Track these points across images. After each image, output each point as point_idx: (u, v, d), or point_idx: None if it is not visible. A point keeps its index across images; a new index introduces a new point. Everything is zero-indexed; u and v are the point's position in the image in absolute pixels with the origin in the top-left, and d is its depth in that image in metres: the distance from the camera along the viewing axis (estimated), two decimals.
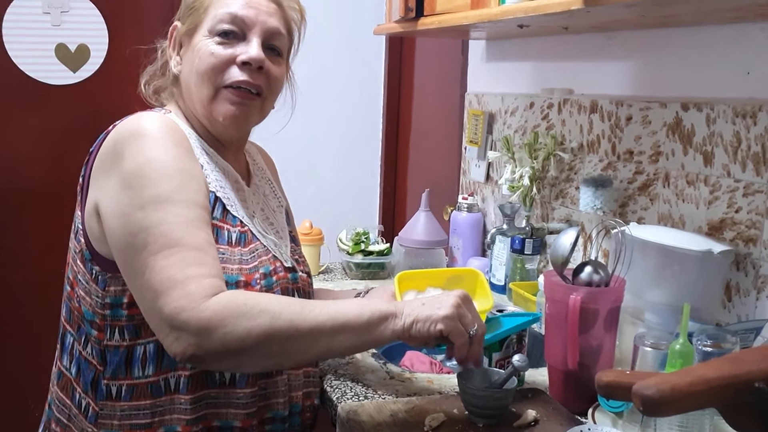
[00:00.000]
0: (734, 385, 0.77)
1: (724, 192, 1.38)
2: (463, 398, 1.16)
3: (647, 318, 1.33)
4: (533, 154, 1.84)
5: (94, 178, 1.10)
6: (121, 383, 1.09)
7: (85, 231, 1.10)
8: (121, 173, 1.04)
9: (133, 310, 1.06)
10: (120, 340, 1.08)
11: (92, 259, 1.10)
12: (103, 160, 1.09)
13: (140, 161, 1.04)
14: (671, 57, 1.52)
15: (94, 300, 1.09)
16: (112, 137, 1.09)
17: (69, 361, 1.13)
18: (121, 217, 1.03)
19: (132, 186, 1.03)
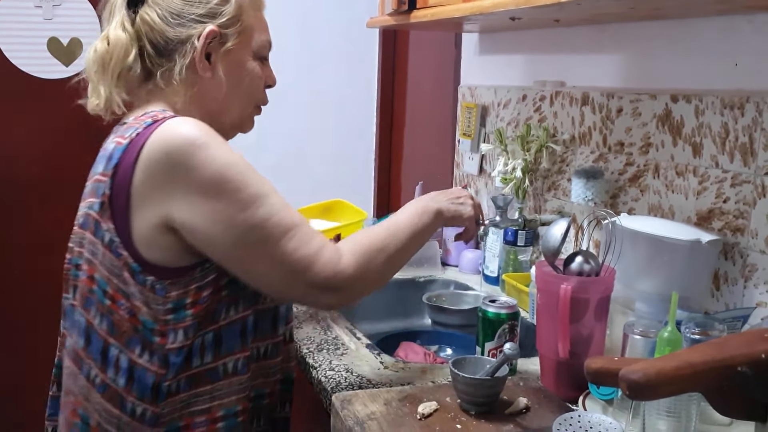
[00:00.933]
0: (718, 369, 0.79)
1: (712, 182, 1.40)
2: (455, 387, 1.17)
3: (637, 307, 1.35)
4: (526, 147, 1.85)
5: (145, 194, 1.08)
6: (181, 377, 1.12)
7: (133, 243, 1.09)
8: (199, 183, 1.06)
9: (198, 307, 1.11)
10: (183, 340, 1.11)
11: (143, 271, 1.09)
12: (155, 176, 1.07)
13: (217, 167, 1.07)
14: (661, 49, 1.54)
15: (154, 309, 1.09)
16: (161, 150, 1.07)
17: (115, 372, 1.12)
18: (221, 223, 1.07)
19: (221, 193, 1.07)
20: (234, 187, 1.07)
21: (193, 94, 1.19)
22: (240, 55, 1.22)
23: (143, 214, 1.08)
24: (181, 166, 1.06)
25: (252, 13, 1.23)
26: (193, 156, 1.06)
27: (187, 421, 1.14)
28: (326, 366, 1.37)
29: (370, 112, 3.02)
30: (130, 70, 1.17)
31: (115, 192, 1.09)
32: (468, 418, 1.13)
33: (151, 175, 1.07)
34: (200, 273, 1.11)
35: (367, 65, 2.97)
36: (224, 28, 1.19)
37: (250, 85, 1.24)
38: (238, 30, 1.20)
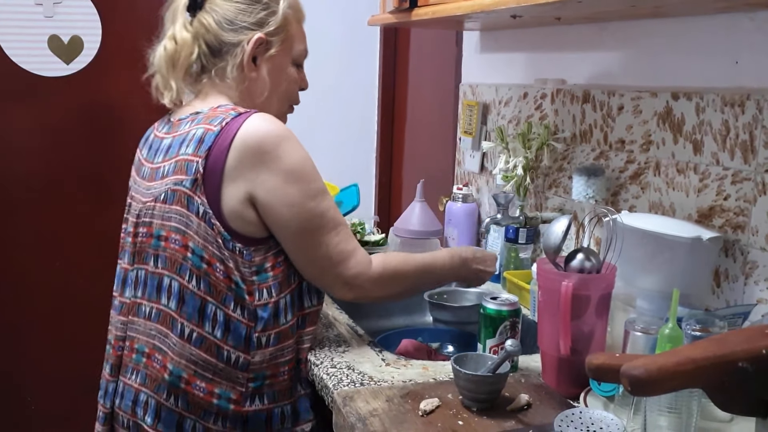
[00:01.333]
0: (719, 365, 0.79)
1: (713, 180, 1.40)
2: (457, 383, 1.18)
3: (638, 304, 1.35)
4: (527, 144, 1.86)
5: (236, 173, 1.27)
6: (269, 332, 1.32)
7: (222, 215, 1.27)
8: (283, 170, 1.28)
9: (276, 270, 1.32)
10: (268, 298, 1.31)
11: (233, 239, 1.28)
12: (246, 159, 1.27)
13: (298, 160, 1.30)
14: (662, 47, 1.54)
15: (243, 271, 1.29)
16: (255, 138, 1.27)
17: (212, 326, 1.29)
18: (293, 206, 1.29)
19: (298, 181, 1.29)
20: (308, 178, 1.31)
21: (243, 90, 1.39)
22: (281, 61, 1.42)
23: (232, 191, 1.27)
24: (270, 153, 1.27)
25: (295, 25, 1.44)
26: (280, 146, 1.28)
27: (274, 370, 1.34)
28: (328, 363, 1.37)
29: (372, 110, 3.02)
30: (192, 66, 1.38)
31: (208, 171, 1.27)
32: (470, 414, 1.14)
33: (244, 157, 1.27)
34: (273, 242, 1.32)
35: (368, 63, 2.97)
36: (270, 36, 1.39)
37: (288, 87, 1.46)
38: (281, 39, 1.41)
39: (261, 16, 1.38)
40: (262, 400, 1.33)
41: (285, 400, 1.36)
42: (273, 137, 1.29)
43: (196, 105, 1.39)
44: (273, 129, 1.30)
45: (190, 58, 1.37)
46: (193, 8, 1.37)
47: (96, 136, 2.73)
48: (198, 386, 1.30)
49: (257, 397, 1.32)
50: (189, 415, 1.31)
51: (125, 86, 2.71)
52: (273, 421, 1.34)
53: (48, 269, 2.77)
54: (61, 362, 2.75)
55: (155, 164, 1.38)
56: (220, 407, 1.30)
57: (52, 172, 2.72)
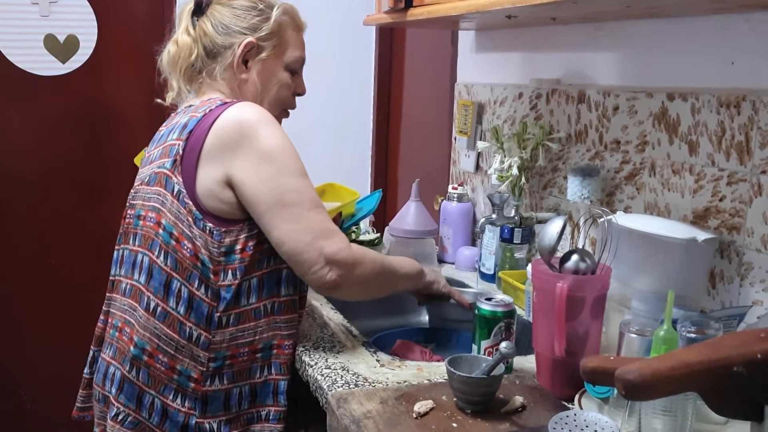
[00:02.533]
0: (714, 369, 0.79)
1: (708, 181, 1.40)
2: (451, 385, 1.18)
3: (633, 305, 1.35)
4: (522, 144, 1.85)
5: (213, 155, 1.32)
6: (230, 312, 1.34)
7: (195, 194, 1.32)
8: (259, 150, 1.31)
9: (245, 253, 1.34)
10: (233, 279, 1.33)
11: (204, 218, 1.32)
12: (224, 142, 1.32)
13: (275, 143, 1.33)
14: (657, 47, 1.54)
15: (211, 250, 1.33)
16: (234, 122, 1.32)
17: (176, 302, 1.33)
18: (268, 182, 1.31)
19: (273, 160, 1.32)
20: (284, 158, 1.33)
21: (234, 88, 1.46)
22: (272, 65, 1.48)
23: (208, 171, 1.32)
24: (247, 136, 1.31)
25: (290, 32, 1.50)
26: (258, 130, 1.32)
27: (234, 351, 1.36)
28: (322, 364, 1.37)
29: (367, 110, 3.01)
30: (192, 66, 1.45)
31: (187, 152, 1.33)
32: (464, 416, 1.13)
33: (222, 139, 1.32)
34: (248, 226, 1.34)
35: (363, 63, 2.96)
36: (262, 40, 1.45)
37: (279, 92, 1.50)
38: (274, 44, 1.46)
39: (254, 22, 1.45)
40: (222, 380, 1.36)
41: (243, 381, 1.38)
42: (252, 121, 1.33)
43: (192, 101, 1.46)
44: (253, 114, 1.34)
45: (189, 59, 1.44)
46: (197, 13, 1.46)
47: (92, 134, 2.72)
48: (160, 360, 1.34)
49: (217, 377, 1.35)
50: (148, 389, 1.34)
51: (121, 85, 2.70)
52: (230, 401, 1.37)
53: (43, 268, 2.76)
54: (57, 361, 2.74)
55: (149, 153, 1.47)
56: (179, 383, 1.34)
57: (47, 170, 2.72)
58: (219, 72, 1.45)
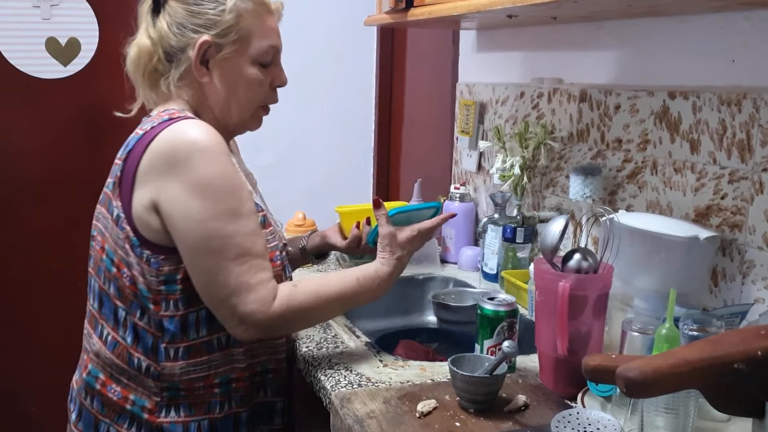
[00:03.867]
0: (715, 367, 0.79)
1: (710, 179, 1.40)
2: (454, 384, 1.18)
3: (636, 304, 1.35)
4: (524, 144, 1.85)
5: (145, 178, 1.20)
6: (178, 345, 1.25)
7: (132, 220, 1.22)
8: (189, 181, 1.18)
9: (186, 283, 1.23)
10: (175, 311, 1.24)
11: (141, 245, 1.22)
12: (156, 164, 1.20)
13: (209, 174, 1.18)
14: (658, 46, 1.54)
15: (149, 279, 1.23)
16: (168, 144, 1.19)
17: (123, 331, 1.26)
18: (192, 221, 1.18)
19: (204, 197, 1.18)
20: (217, 196, 1.19)
21: (197, 97, 1.31)
22: (236, 63, 1.30)
23: (140, 195, 1.21)
24: (181, 162, 1.18)
25: (252, 21, 1.30)
26: (194, 156, 1.18)
27: (187, 385, 1.27)
28: (325, 364, 1.37)
29: (369, 110, 3.02)
30: (155, 71, 1.31)
31: (125, 173, 1.23)
32: (467, 415, 1.14)
33: (154, 162, 1.20)
34: None
35: (365, 63, 2.97)
36: (219, 37, 1.27)
37: (248, 91, 1.32)
38: (233, 39, 1.28)
39: (209, 17, 1.27)
40: (178, 411, 1.27)
41: (201, 415, 1.28)
42: (188, 145, 1.18)
43: (152, 111, 1.34)
44: (192, 137, 1.19)
45: (151, 63, 1.31)
46: (155, 12, 1.31)
47: (93, 137, 2.72)
48: (113, 389, 1.28)
49: (173, 408, 1.27)
50: (103, 418, 1.29)
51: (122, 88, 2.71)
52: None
53: (46, 271, 2.77)
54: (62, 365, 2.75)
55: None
56: (133, 413, 1.27)
57: (49, 173, 2.72)
58: (177, 78, 1.29)
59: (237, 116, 1.34)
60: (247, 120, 1.36)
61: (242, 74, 1.31)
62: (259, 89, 1.33)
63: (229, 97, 1.32)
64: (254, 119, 1.38)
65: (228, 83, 1.31)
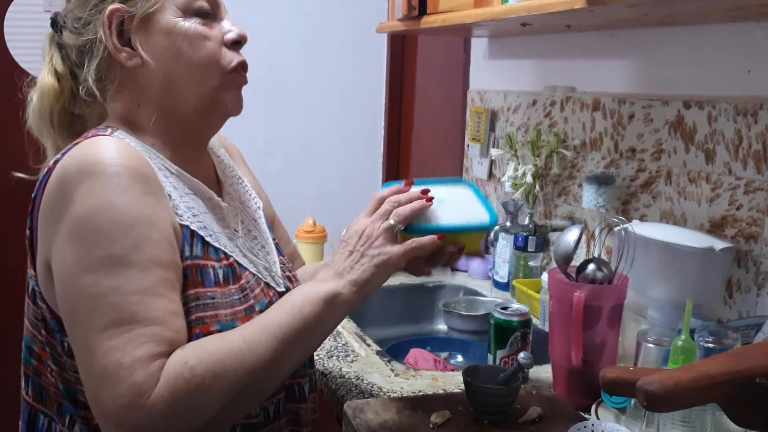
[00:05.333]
0: (736, 381, 0.78)
1: (725, 189, 1.39)
2: (468, 395, 1.17)
3: (650, 314, 1.34)
4: (536, 152, 1.85)
5: (42, 230, 0.92)
6: None
7: (44, 296, 0.94)
8: (70, 221, 0.87)
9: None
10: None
11: (60, 330, 0.92)
12: (48, 204, 0.91)
13: (90, 207, 0.86)
14: (673, 55, 1.53)
15: (71, 375, 0.92)
16: (59, 173, 0.90)
17: None
18: (66, 278, 0.87)
19: (80, 240, 0.86)
20: (94, 239, 0.86)
21: (132, 94, 1.00)
22: (162, 23, 0.98)
23: (40, 258, 0.94)
24: (66, 197, 0.88)
25: None
26: (78, 186, 0.87)
27: None
28: (336, 373, 1.36)
29: (379, 117, 3.01)
30: (65, 111, 1.04)
31: (33, 230, 0.95)
32: (481, 426, 1.13)
33: (45, 206, 0.92)
34: None
35: (375, 69, 2.97)
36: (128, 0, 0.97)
37: (194, 52, 0.98)
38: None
39: None
40: None
41: None
42: (75, 173, 0.88)
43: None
44: (86, 157, 0.89)
45: (58, 104, 1.04)
46: (55, 29, 1.04)
47: None
48: None
49: None
50: None
51: None
52: None
53: None
54: None
55: None
56: None
57: None
58: (94, 80, 0.98)
59: (194, 94, 1.00)
60: (213, 96, 1.01)
61: (176, 33, 0.98)
62: (207, 46, 0.99)
63: (172, 70, 0.98)
64: (225, 95, 1.02)
65: (165, 53, 0.98)
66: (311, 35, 2.78)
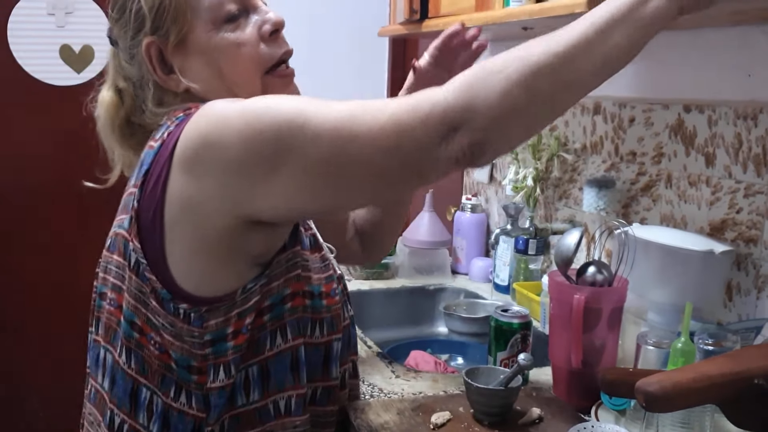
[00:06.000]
0: (734, 382, 0.79)
1: (725, 193, 1.40)
2: (468, 396, 1.17)
3: (650, 317, 1.35)
4: (537, 155, 1.85)
5: (191, 197, 0.88)
6: (224, 418, 0.96)
7: (162, 266, 0.92)
8: (241, 157, 0.84)
9: (240, 337, 0.94)
10: (225, 379, 0.94)
11: (173, 298, 0.92)
12: (189, 160, 0.88)
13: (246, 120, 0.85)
14: (674, 59, 1.54)
15: (189, 342, 0.93)
16: (189, 133, 0.88)
17: (147, 419, 0.96)
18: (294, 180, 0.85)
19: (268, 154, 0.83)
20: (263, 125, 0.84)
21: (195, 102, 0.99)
22: (196, 42, 0.98)
23: (191, 222, 0.89)
24: (208, 147, 0.86)
25: None
26: (219, 132, 0.86)
27: None
28: None
29: None
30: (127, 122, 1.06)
31: (144, 204, 0.92)
32: (481, 428, 1.13)
33: (193, 168, 0.88)
34: (242, 296, 0.93)
35: (377, 73, 2.98)
36: (157, 28, 0.98)
37: (232, 66, 0.99)
38: (174, 17, 0.97)
39: (134, 17, 1.00)
40: None
41: None
42: (208, 126, 0.87)
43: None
44: (206, 117, 0.89)
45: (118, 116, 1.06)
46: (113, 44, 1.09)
47: None
48: None
49: None
50: None
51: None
52: None
53: (59, 278, 2.78)
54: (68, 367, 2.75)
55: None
56: None
57: (63, 179, 2.73)
58: (156, 107, 1.01)
59: (250, 90, 0.99)
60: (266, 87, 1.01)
61: (210, 49, 0.98)
62: (243, 53, 0.99)
63: (218, 86, 0.99)
64: (270, 90, 1.00)
65: (203, 70, 0.99)
66: (313, 39, 2.79)
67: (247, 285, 0.94)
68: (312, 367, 1.01)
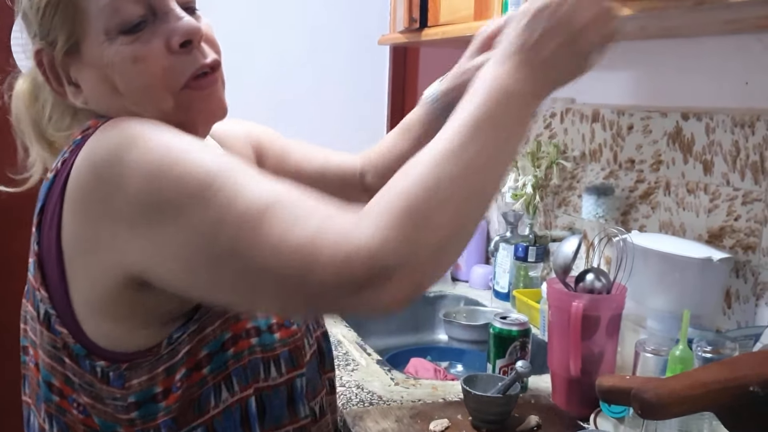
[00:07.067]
0: (730, 389, 0.79)
1: (723, 200, 1.40)
2: (467, 404, 1.18)
3: (648, 324, 1.35)
4: (536, 163, 1.86)
5: (82, 238, 0.76)
6: None
7: (72, 318, 0.79)
8: (131, 203, 0.70)
9: (172, 397, 0.80)
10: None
11: (88, 354, 0.79)
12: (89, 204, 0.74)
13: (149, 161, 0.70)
14: (671, 67, 1.54)
15: (111, 405, 0.80)
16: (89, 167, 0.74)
17: None
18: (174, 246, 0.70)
19: (161, 204, 0.70)
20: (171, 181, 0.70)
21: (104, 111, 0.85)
22: (87, 53, 0.82)
23: (86, 272, 0.77)
24: (108, 184, 0.72)
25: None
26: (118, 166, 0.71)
27: None
28: (337, 382, 1.37)
29: (381, 128, 3.03)
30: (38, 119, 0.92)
31: (44, 246, 0.80)
32: None
33: (84, 209, 0.75)
34: (168, 349, 0.80)
35: (377, 81, 2.99)
36: (44, 35, 0.83)
37: (128, 82, 0.81)
38: (57, 21, 0.81)
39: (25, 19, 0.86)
40: None
41: None
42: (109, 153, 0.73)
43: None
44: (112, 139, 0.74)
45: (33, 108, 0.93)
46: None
47: None
48: None
49: None
50: None
51: None
52: None
53: None
54: None
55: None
56: None
57: None
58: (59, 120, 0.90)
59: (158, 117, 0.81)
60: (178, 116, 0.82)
61: (103, 63, 0.81)
62: (142, 70, 0.80)
63: (117, 103, 0.82)
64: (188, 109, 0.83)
65: (98, 84, 0.83)
66: (314, 47, 2.80)
67: (173, 335, 0.80)
68: (276, 412, 0.87)
